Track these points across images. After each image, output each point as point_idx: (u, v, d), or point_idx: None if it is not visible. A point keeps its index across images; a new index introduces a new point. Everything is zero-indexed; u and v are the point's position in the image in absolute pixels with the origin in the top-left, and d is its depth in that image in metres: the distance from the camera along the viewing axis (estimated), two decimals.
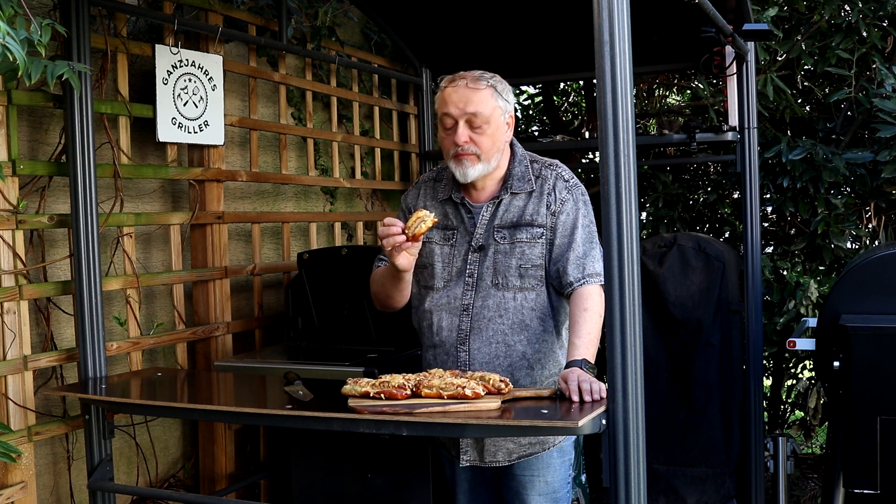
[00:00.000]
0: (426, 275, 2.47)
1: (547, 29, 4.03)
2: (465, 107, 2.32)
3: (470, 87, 2.34)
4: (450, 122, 2.35)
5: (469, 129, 2.33)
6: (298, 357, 3.37)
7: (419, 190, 2.57)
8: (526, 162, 2.47)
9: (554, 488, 2.48)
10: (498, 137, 2.38)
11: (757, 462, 3.80)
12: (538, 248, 2.38)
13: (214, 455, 3.54)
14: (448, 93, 2.36)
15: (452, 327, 2.40)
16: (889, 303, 3.25)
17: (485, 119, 2.33)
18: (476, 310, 2.38)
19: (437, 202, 2.50)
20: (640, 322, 1.85)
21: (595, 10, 1.80)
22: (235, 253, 3.84)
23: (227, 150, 3.71)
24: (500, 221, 2.41)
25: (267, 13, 3.83)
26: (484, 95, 2.34)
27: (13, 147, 2.74)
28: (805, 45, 4.64)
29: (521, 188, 2.43)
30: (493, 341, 2.38)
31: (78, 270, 2.79)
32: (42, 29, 2.03)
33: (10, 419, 2.70)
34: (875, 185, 4.54)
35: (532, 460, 2.46)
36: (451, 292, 2.42)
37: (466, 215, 2.44)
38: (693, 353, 3.85)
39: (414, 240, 2.25)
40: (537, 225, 2.39)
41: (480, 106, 2.33)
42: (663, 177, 5.19)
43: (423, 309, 2.49)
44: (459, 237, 2.44)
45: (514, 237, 2.39)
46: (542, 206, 2.40)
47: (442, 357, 2.43)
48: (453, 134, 2.35)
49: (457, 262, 2.43)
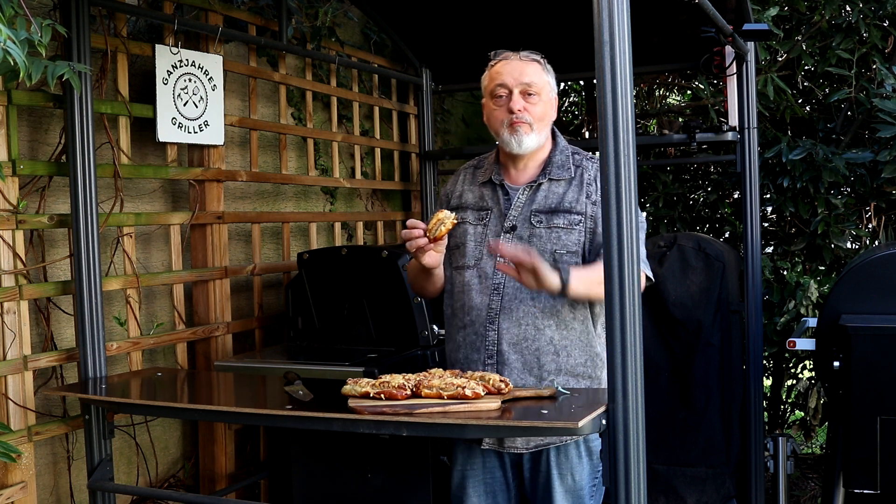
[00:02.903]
0: (458, 255, 2.49)
1: (547, 29, 4.03)
2: (521, 76, 2.39)
3: (523, 60, 2.42)
4: (504, 91, 2.40)
5: (523, 98, 2.39)
6: (298, 357, 3.37)
7: (459, 176, 2.60)
8: (567, 152, 2.50)
9: (580, 486, 2.43)
10: (547, 111, 2.44)
11: (757, 462, 3.80)
12: (575, 234, 2.39)
13: (214, 455, 3.54)
14: (500, 65, 2.43)
15: (482, 306, 2.40)
16: (889, 303, 3.25)
17: (538, 89, 2.40)
18: (508, 290, 2.38)
19: (476, 185, 2.53)
20: (640, 322, 1.85)
21: (595, 10, 1.80)
22: (235, 253, 3.84)
23: (227, 150, 3.71)
24: (538, 206, 2.42)
25: (267, 13, 3.83)
26: (536, 68, 2.42)
27: (13, 147, 2.74)
28: (805, 45, 4.64)
29: (560, 175, 2.45)
30: (523, 323, 2.38)
31: (78, 270, 2.79)
32: (42, 29, 2.04)
33: (10, 419, 2.70)
34: (875, 185, 4.54)
35: (561, 458, 2.42)
36: (482, 270, 2.43)
37: (503, 196, 2.46)
38: (693, 354, 3.85)
39: (435, 241, 2.29)
40: (576, 212, 2.40)
41: (534, 76, 2.40)
42: (663, 177, 5.19)
43: (456, 291, 2.49)
44: (493, 218, 2.46)
45: (552, 222, 2.40)
46: (581, 195, 2.42)
47: (471, 338, 2.43)
48: (507, 103, 2.39)
49: (489, 241, 2.43)
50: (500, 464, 2.52)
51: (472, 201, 2.49)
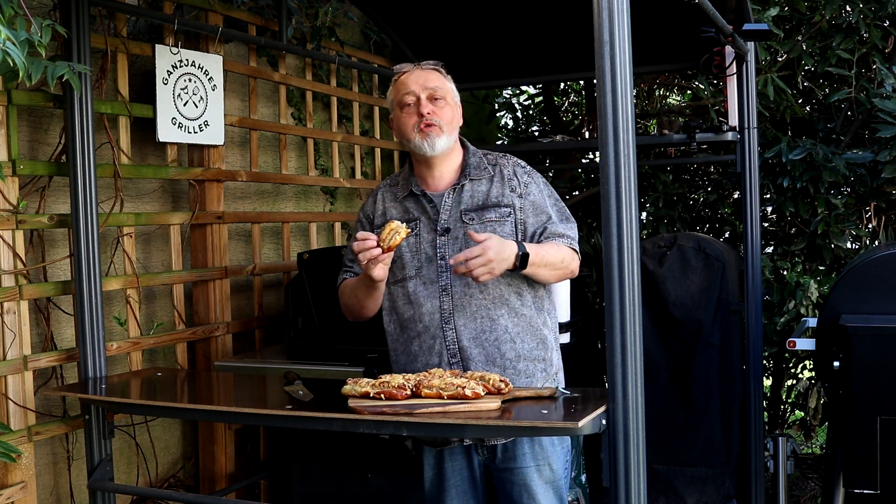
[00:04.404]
0: (396, 269, 2.50)
1: (547, 29, 4.03)
2: (426, 82, 2.46)
3: (424, 69, 2.50)
4: (411, 98, 2.46)
5: (430, 103, 2.45)
6: (298, 357, 3.37)
7: (377, 196, 2.61)
8: (479, 154, 2.57)
9: (559, 475, 2.52)
10: (455, 115, 2.51)
11: (757, 462, 3.80)
12: (507, 226, 2.44)
13: (214, 455, 3.54)
14: (405, 76, 2.49)
15: (434, 310, 2.43)
16: (889, 303, 3.25)
17: (444, 93, 2.47)
18: (456, 288, 2.43)
19: (397, 201, 2.55)
20: (640, 322, 1.85)
21: (595, 10, 1.81)
22: (235, 253, 3.84)
23: (227, 150, 3.72)
24: (466, 206, 2.47)
25: (267, 13, 3.83)
26: (438, 76, 2.50)
27: (13, 147, 2.74)
28: (805, 45, 4.64)
29: (480, 175, 2.51)
30: (478, 316, 2.42)
31: (78, 270, 2.79)
32: (42, 29, 2.04)
33: (10, 419, 2.70)
34: (875, 185, 4.54)
35: (536, 449, 2.47)
36: (425, 277, 2.45)
37: (428, 204, 2.49)
38: (693, 353, 3.85)
39: (388, 251, 2.30)
40: (504, 205, 2.46)
41: (438, 82, 2.48)
42: (663, 177, 5.19)
43: (399, 304, 2.50)
44: (423, 225, 2.48)
45: (484, 217, 2.45)
46: (505, 189, 2.48)
47: (428, 342, 2.45)
48: (416, 108, 2.45)
49: (425, 248, 2.46)
50: (469, 463, 2.55)
51: (397, 216, 2.51)
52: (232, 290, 3.66)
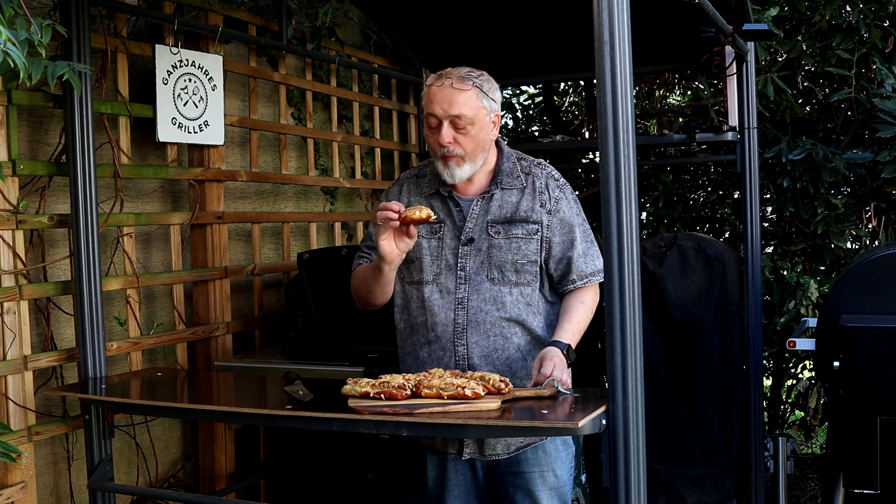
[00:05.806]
0: (413, 270, 2.46)
1: (547, 29, 4.03)
2: (449, 108, 2.32)
3: (455, 88, 2.33)
4: (434, 121, 2.35)
5: (453, 129, 2.34)
6: (298, 357, 3.37)
7: (401, 187, 2.55)
8: (513, 158, 2.49)
9: (563, 481, 2.50)
10: (483, 138, 2.38)
11: (757, 462, 3.80)
12: (534, 244, 2.40)
13: (214, 455, 3.54)
14: (433, 92, 2.35)
15: (448, 321, 2.40)
16: (889, 303, 3.25)
17: (469, 120, 2.33)
18: (472, 303, 2.39)
19: (423, 197, 2.48)
20: (640, 322, 1.85)
21: (595, 10, 1.80)
22: (235, 253, 3.84)
23: (227, 150, 3.71)
24: (493, 216, 2.41)
25: (267, 13, 3.83)
26: (469, 97, 2.33)
27: (13, 147, 2.74)
28: (805, 45, 4.64)
29: (511, 184, 2.44)
30: (491, 334, 2.39)
31: (78, 270, 2.79)
32: (42, 29, 2.03)
33: (10, 419, 2.70)
34: (875, 185, 4.54)
35: (540, 455, 2.46)
36: (442, 286, 2.42)
37: (455, 208, 2.44)
38: (693, 353, 3.85)
39: (404, 222, 2.25)
40: (532, 221, 2.40)
41: (464, 108, 2.32)
42: (663, 177, 5.19)
43: (413, 307, 2.47)
44: (447, 230, 2.43)
45: (510, 232, 2.39)
46: (535, 203, 2.42)
47: (438, 353, 2.43)
48: (437, 133, 2.35)
49: (446, 255, 2.42)
50: (472, 463, 2.54)
51: None
52: (232, 290, 3.66)
